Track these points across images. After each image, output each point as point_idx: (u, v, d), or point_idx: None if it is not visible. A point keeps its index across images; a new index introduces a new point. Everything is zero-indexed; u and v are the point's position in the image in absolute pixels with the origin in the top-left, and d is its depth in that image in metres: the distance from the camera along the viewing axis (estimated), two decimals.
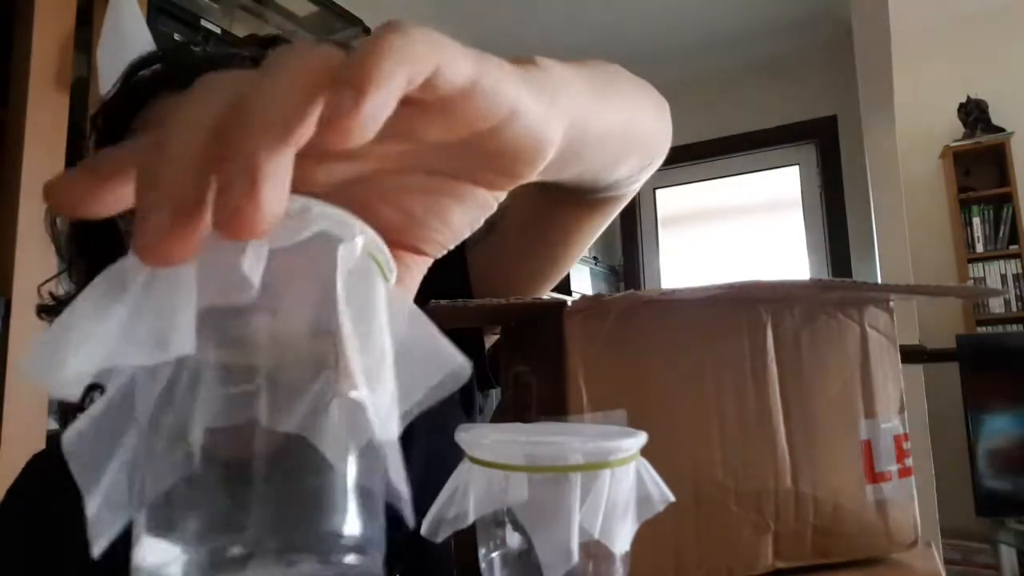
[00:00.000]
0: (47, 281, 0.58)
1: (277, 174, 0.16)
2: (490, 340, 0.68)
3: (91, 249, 0.55)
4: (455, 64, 0.19)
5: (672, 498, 0.31)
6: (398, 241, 0.23)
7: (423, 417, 0.51)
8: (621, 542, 0.29)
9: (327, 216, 0.18)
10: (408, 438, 0.56)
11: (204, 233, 0.16)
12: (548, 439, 0.31)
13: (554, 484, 0.29)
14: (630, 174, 0.43)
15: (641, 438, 0.31)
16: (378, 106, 0.16)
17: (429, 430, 0.58)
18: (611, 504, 0.29)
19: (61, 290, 0.59)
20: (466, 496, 0.30)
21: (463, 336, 0.64)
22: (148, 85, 0.51)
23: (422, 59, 0.18)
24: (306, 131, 0.17)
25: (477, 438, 0.31)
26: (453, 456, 0.56)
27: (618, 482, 0.29)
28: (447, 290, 0.40)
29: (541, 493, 0.29)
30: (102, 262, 0.45)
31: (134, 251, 0.16)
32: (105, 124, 0.53)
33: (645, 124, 0.40)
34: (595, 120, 0.30)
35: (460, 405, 0.66)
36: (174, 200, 0.16)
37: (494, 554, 0.31)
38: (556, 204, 0.54)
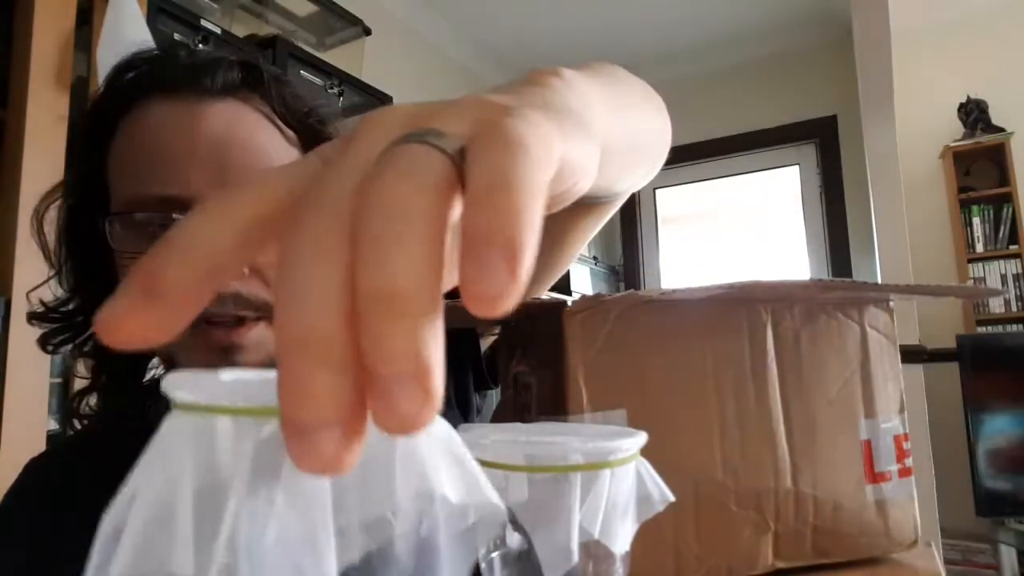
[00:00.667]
0: (36, 288, 0.58)
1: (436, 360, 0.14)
2: (487, 340, 0.68)
3: (80, 254, 0.54)
4: (551, 159, 0.17)
5: (672, 498, 0.31)
6: None
7: None
8: (621, 542, 0.29)
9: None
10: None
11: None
12: (548, 439, 0.31)
13: (554, 484, 0.29)
14: (636, 181, 0.43)
15: (641, 438, 0.31)
16: (528, 267, 0.14)
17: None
18: (611, 504, 0.29)
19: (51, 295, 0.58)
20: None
21: (461, 336, 0.64)
22: (134, 88, 0.50)
23: (547, 172, 0.16)
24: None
25: (477, 438, 0.31)
26: None
27: (618, 482, 0.29)
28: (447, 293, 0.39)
29: (541, 493, 0.29)
30: (91, 267, 0.44)
31: (298, 466, 0.14)
32: (91, 127, 0.52)
33: (652, 133, 0.40)
34: (615, 134, 0.29)
35: (456, 407, 0.66)
36: (345, 412, 0.14)
37: (494, 554, 0.31)
38: (556, 214, 0.54)
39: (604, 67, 0.34)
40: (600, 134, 0.24)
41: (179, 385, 0.18)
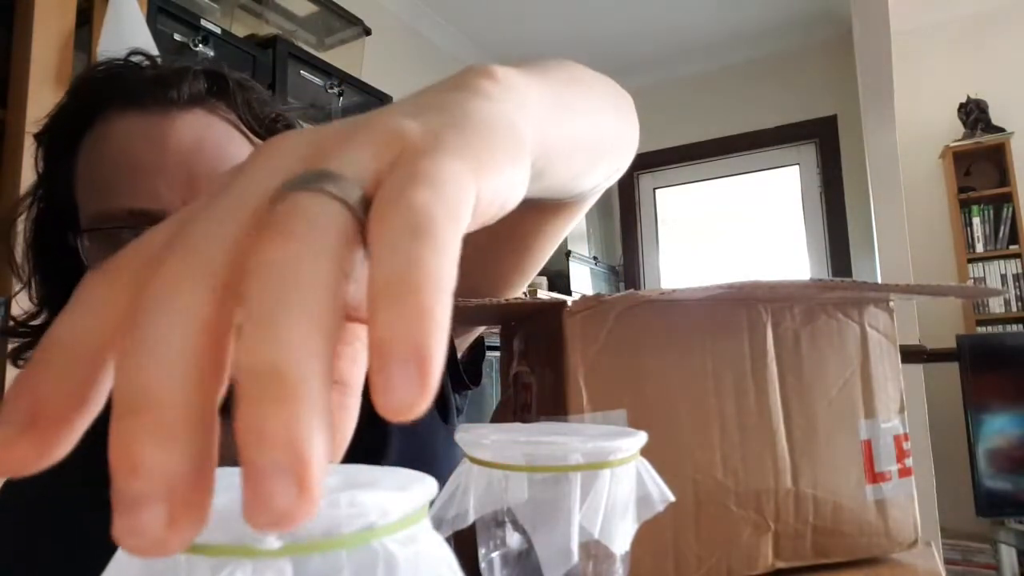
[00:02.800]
0: (11, 297, 0.55)
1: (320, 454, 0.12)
2: (467, 339, 0.66)
3: (47, 268, 0.53)
4: (467, 197, 0.16)
5: (672, 498, 0.30)
6: None
7: (402, 433, 0.49)
8: (621, 542, 0.29)
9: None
10: (383, 443, 0.54)
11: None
12: (548, 439, 0.31)
13: (554, 484, 0.29)
14: (598, 182, 0.42)
15: (641, 438, 0.31)
16: (438, 370, 0.13)
17: (404, 435, 0.57)
18: (611, 504, 0.29)
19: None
20: (466, 496, 0.30)
21: None
22: (96, 100, 0.49)
23: (456, 240, 0.14)
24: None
25: (477, 438, 0.31)
26: (426, 461, 0.53)
27: (618, 482, 0.29)
28: None
29: (541, 493, 0.29)
30: (58, 281, 0.42)
31: (120, 545, 0.12)
32: (52, 141, 0.51)
33: (612, 130, 0.39)
34: (561, 136, 0.28)
35: (435, 407, 0.64)
36: (174, 488, 0.12)
37: (494, 554, 0.31)
38: (519, 212, 0.52)
39: (557, 65, 0.33)
40: (536, 140, 0.23)
41: None
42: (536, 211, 0.49)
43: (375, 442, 0.54)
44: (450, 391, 0.65)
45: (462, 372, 0.65)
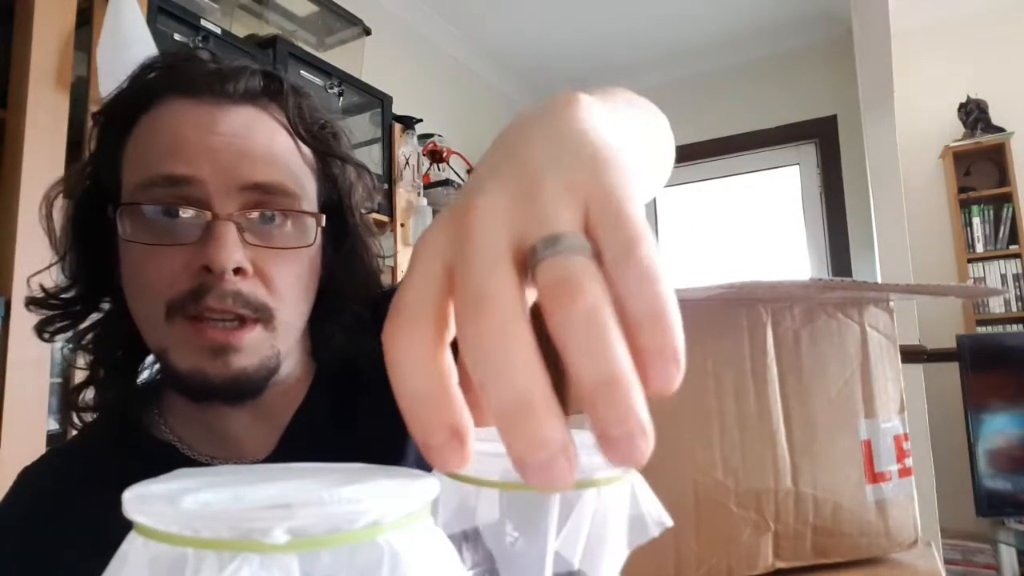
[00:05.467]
0: (37, 273, 0.57)
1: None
2: None
3: (84, 244, 0.54)
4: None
5: (670, 523, 0.27)
6: None
7: None
8: (607, 572, 0.25)
9: None
10: (401, 443, 0.55)
11: None
12: None
13: (529, 503, 0.25)
14: (653, 193, 0.47)
15: None
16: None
17: None
18: (596, 528, 0.25)
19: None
20: (436, 511, 0.26)
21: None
22: (156, 86, 0.51)
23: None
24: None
25: None
26: None
27: (606, 503, 0.25)
28: None
29: (514, 513, 0.25)
30: (94, 257, 0.43)
31: (538, 484, 0.20)
32: (109, 121, 0.53)
33: (665, 162, 0.44)
34: (645, 163, 0.37)
35: None
36: (566, 447, 0.20)
37: None
38: None
39: (620, 93, 0.37)
40: (642, 169, 0.31)
41: (139, 509, 0.17)
42: None
43: (393, 430, 0.56)
44: None
45: None
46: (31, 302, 0.57)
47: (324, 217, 0.52)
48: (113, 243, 0.51)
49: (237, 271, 0.46)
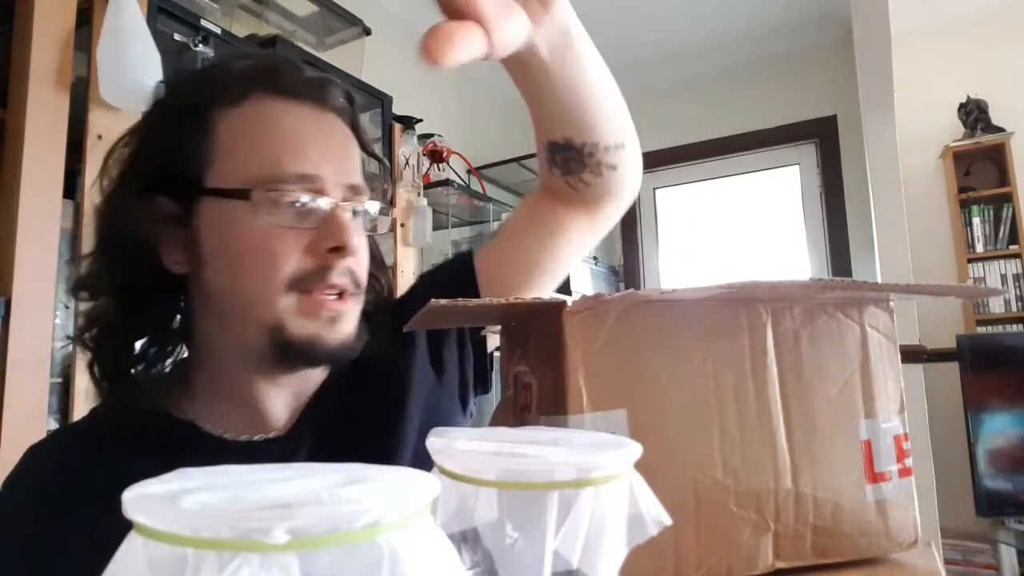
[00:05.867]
0: (80, 259, 0.59)
1: None
2: (493, 341, 0.70)
3: (137, 225, 0.56)
4: None
5: (669, 521, 0.27)
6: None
7: (423, 411, 0.57)
8: (605, 571, 0.25)
9: None
10: (402, 415, 0.60)
11: None
12: (526, 450, 0.27)
13: (528, 503, 0.25)
14: (605, 144, 0.59)
15: (634, 451, 0.27)
16: None
17: (424, 411, 0.64)
18: (595, 527, 0.25)
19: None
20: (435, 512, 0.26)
21: (472, 334, 0.68)
22: (247, 82, 0.56)
23: None
24: None
25: (448, 446, 0.27)
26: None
27: (604, 502, 0.25)
28: (459, 291, 0.45)
29: (512, 512, 0.25)
30: (145, 239, 0.52)
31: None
32: (178, 109, 0.57)
33: (615, 97, 0.59)
34: (584, 46, 0.55)
35: (458, 400, 0.68)
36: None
37: None
38: (551, 208, 0.62)
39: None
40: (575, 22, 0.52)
41: (139, 509, 0.17)
42: (564, 206, 0.65)
43: (393, 417, 0.62)
44: (471, 383, 0.70)
45: (487, 373, 0.71)
46: (78, 286, 0.59)
47: (392, 211, 0.62)
48: (176, 222, 0.55)
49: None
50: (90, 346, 0.58)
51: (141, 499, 0.17)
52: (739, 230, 3.49)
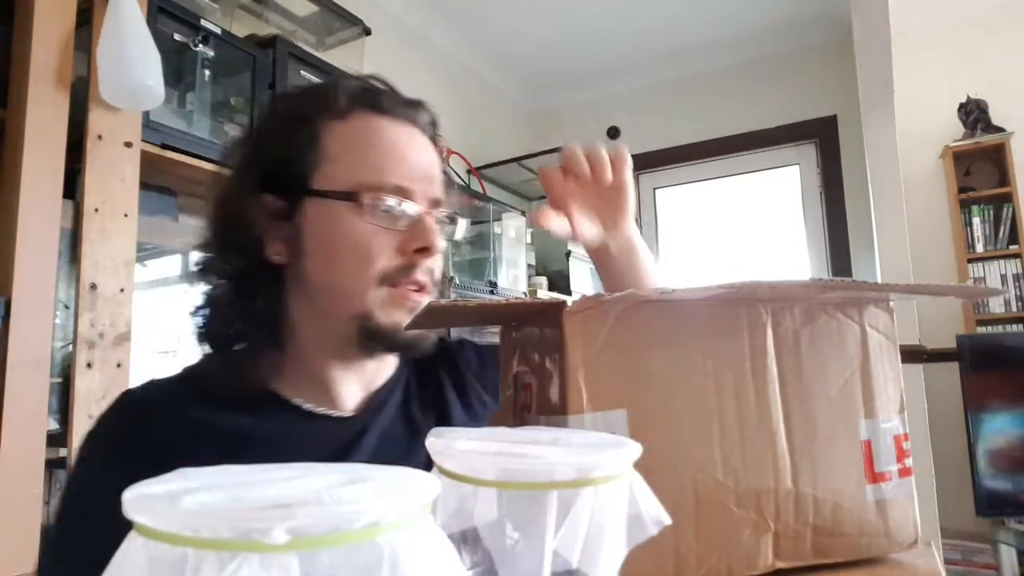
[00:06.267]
0: (196, 248, 0.67)
1: None
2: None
3: (246, 218, 0.64)
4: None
5: (668, 521, 0.27)
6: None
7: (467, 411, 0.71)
8: (605, 571, 0.25)
9: None
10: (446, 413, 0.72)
11: None
12: (525, 450, 0.27)
13: (527, 503, 0.25)
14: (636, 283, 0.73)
15: (633, 451, 0.27)
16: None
17: (466, 417, 0.72)
18: (595, 527, 0.25)
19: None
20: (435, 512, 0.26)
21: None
22: (354, 101, 0.65)
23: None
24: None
25: (448, 446, 0.27)
26: None
27: (604, 502, 0.25)
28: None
29: (512, 512, 0.25)
30: (250, 230, 0.64)
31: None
32: (291, 119, 0.65)
33: (657, 276, 0.74)
34: (642, 249, 0.73)
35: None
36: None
37: None
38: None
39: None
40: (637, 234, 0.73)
41: (139, 509, 0.17)
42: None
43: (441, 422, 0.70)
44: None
45: None
46: (199, 272, 0.66)
47: (467, 220, 0.74)
48: (280, 217, 0.63)
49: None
50: (200, 320, 0.65)
51: (141, 499, 0.17)
52: (739, 230, 3.49)
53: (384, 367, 0.71)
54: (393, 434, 0.67)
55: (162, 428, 0.60)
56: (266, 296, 0.64)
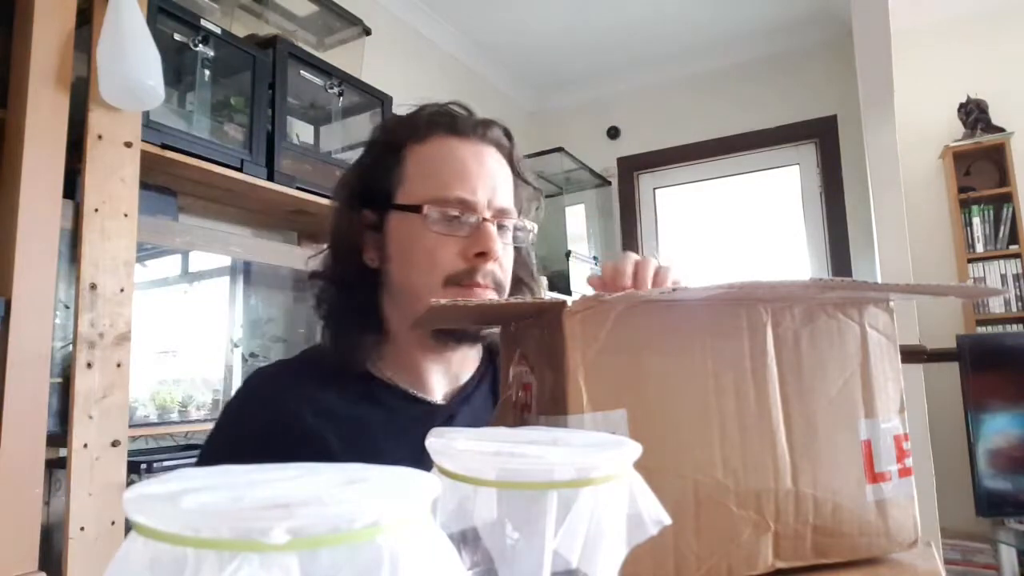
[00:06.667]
0: (313, 256, 0.79)
1: None
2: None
3: (350, 231, 0.75)
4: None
5: (668, 521, 0.27)
6: None
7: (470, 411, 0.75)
8: (605, 571, 0.25)
9: None
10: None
11: None
12: (525, 450, 0.27)
13: (527, 503, 0.25)
14: None
15: (633, 451, 0.27)
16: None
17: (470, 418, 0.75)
18: (594, 527, 0.25)
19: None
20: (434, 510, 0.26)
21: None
22: (433, 126, 0.74)
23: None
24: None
25: (447, 446, 0.27)
26: None
27: (603, 502, 0.25)
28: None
29: (512, 512, 0.25)
30: (355, 240, 0.79)
31: None
32: (390, 142, 0.76)
33: None
34: None
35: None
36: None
37: None
38: None
39: None
40: None
41: (140, 509, 0.17)
42: None
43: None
44: None
45: None
46: (312, 276, 0.78)
47: (536, 227, 0.79)
48: (373, 229, 0.74)
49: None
50: (321, 315, 0.76)
51: (142, 499, 0.17)
52: (739, 230, 3.49)
53: (468, 360, 0.80)
54: (481, 423, 0.72)
55: (288, 406, 0.70)
56: (364, 293, 0.75)
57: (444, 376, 0.78)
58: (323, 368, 0.74)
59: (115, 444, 1.23)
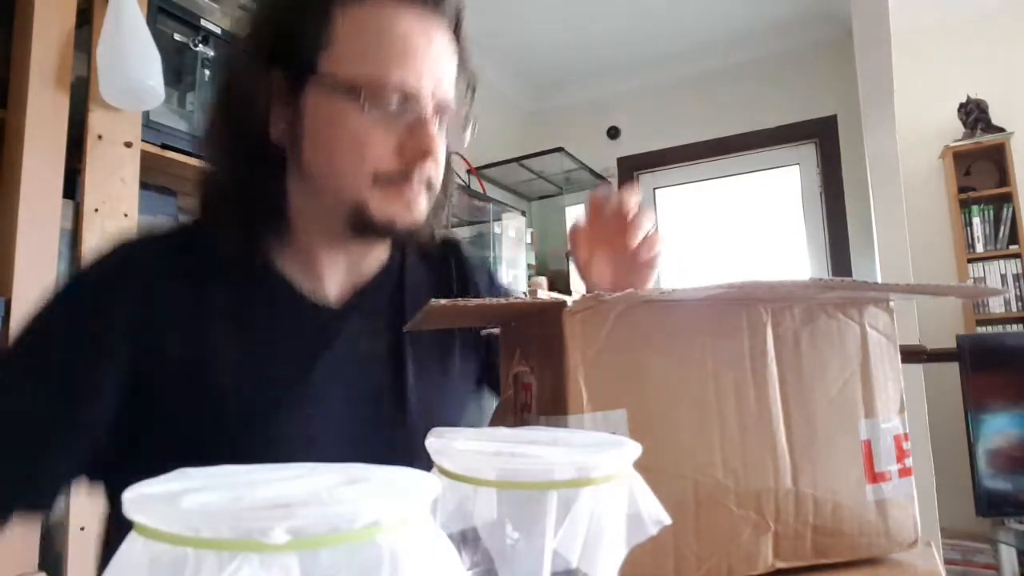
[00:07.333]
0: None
1: None
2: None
3: (249, 91, 0.62)
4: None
5: (668, 521, 0.27)
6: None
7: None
8: (605, 571, 0.25)
9: None
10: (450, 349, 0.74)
11: None
12: (525, 450, 0.27)
13: (527, 503, 0.25)
14: None
15: (633, 451, 0.27)
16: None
17: (418, 372, 0.69)
18: (594, 527, 0.25)
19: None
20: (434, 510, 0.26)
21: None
22: None
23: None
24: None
25: (447, 446, 0.27)
26: (442, 404, 0.75)
27: (603, 502, 0.25)
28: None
29: (512, 512, 0.25)
30: (251, 105, 0.62)
31: None
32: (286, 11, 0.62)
33: None
34: None
35: (478, 370, 0.79)
36: None
37: None
38: None
39: None
40: None
41: (139, 509, 0.17)
42: None
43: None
44: (485, 379, 0.79)
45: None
46: (203, 144, 0.68)
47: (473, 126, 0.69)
48: (284, 97, 0.61)
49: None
50: (205, 188, 0.66)
51: (141, 499, 0.17)
52: (739, 230, 3.49)
53: (374, 252, 0.71)
54: (376, 329, 0.68)
55: (145, 287, 0.60)
56: (266, 173, 0.63)
57: (345, 270, 0.68)
58: (202, 258, 0.63)
59: None
